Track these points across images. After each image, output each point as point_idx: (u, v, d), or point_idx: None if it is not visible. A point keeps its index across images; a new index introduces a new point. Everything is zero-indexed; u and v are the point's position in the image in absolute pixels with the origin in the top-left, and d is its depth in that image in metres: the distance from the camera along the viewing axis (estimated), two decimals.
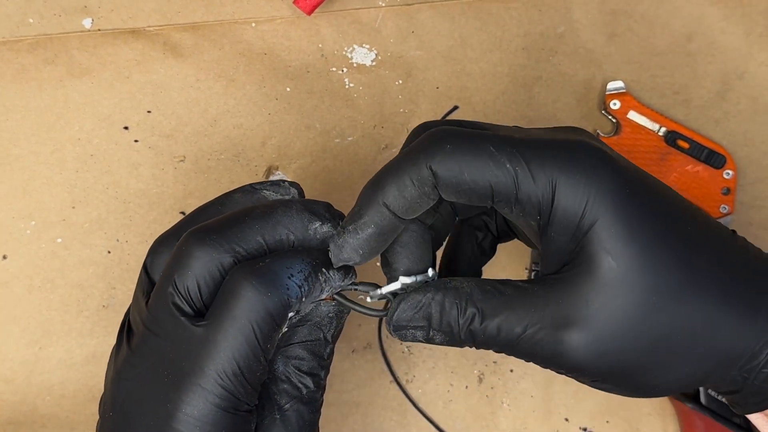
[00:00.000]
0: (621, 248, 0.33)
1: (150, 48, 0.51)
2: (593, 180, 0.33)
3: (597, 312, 0.33)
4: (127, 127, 0.51)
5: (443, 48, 0.53)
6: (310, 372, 0.37)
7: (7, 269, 0.51)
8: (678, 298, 0.33)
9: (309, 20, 0.52)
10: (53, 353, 0.51)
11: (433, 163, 0.33)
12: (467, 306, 0.35)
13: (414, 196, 0.34)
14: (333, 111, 0.52)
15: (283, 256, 0.35)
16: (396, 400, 0.53)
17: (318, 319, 0.37)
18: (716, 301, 0.33)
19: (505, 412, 0.53)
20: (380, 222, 0.34)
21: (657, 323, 0.33)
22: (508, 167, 0.33)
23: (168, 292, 0.34)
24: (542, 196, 0.33)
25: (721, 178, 0.53)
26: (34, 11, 0.50)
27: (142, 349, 0.35)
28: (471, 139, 0.34)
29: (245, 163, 0.52)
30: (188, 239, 0.35)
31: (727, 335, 0.33)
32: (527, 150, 0.33)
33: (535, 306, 0.34)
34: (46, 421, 0.51)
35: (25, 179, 0.51)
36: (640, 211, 0.33)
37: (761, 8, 0.53)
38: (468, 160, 0.33)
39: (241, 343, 0.33)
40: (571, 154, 0.33)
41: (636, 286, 0.33)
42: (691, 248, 0.33)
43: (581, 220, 0.33)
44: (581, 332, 0.33)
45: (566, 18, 0.53)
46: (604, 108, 0.53)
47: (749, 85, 0.54)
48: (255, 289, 0.33)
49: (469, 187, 0.33)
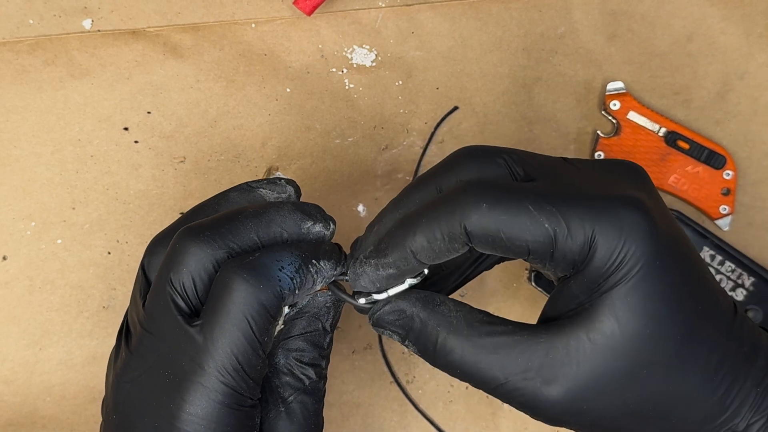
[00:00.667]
0: (630, 317, 0.33)
1: (150, 49, 0.51)
2: (632, 243, 0.32)
3: (585, 372, 0.33)
4: (127, 128, 0.51)
5: (443, 48, 0.53)
6: (312, 363, 0.37)
7: (7, 270, 0.51)
8: (667, 375, 0.33)
9: (309, 21, 0.52)
10: (53, 354, 0.51)
11: (468, 222, 0.33)
12: (448, 338, 0.34)
13: (442, 249, 0.34)
14: (333, 112, 0.52)
15: (273, 250, 0.35)
16: (396, 400, 0.53)
17: (315, 309, 0.37)
18: (698, 385, 0.34)
19: (505, 413, 0.53)
20: (403, 266, 0.35)
21: (640, 395, 0.33)
22: (547, 227, 0.32)
23: (165, 290, 0.34)
24: (578, 255, 0.33)
25: (721, 178, 0.53)
26: (34, 12, 0.50)
27: (141, 351, 0.35)
28: (509, 198, 0.33)
29: (245, 164, 0.52)
30: (182, 236, 0.35)
31: (699, 414, 0.34)
32: (568, 208, 0.32)
33: (522, 354, 0.33)
34: (46, 422, 0.51)
35: (25, 180, 0.51)
36: (662, 285, 0.33)
37: (761, 9, 0.53)
38: (505, 220, 0.32)
39: (238, 337, 0.33)
40: (615, 214, 0.33)
41: (631, 356, 0.33)
42: (695, 327, 0.34)
43: (605, 281, 0.33)
44: (564, 389, 0.33)
45: (566, 18, 0.53)
46: (604, 108, 0.53)
47: (749, 85, 0.54)
48: (246, 282, 0.33)
49: (505, 245, 0.33)
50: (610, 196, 0.33)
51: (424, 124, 0.53)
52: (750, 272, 0.52)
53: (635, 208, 0.33)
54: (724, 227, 0.53)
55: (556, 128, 0.53)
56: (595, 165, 0.37)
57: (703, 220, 0.53)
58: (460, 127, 0.53)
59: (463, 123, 0.53)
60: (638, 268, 0.32)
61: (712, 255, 0.52)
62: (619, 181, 0.35)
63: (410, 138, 0.53)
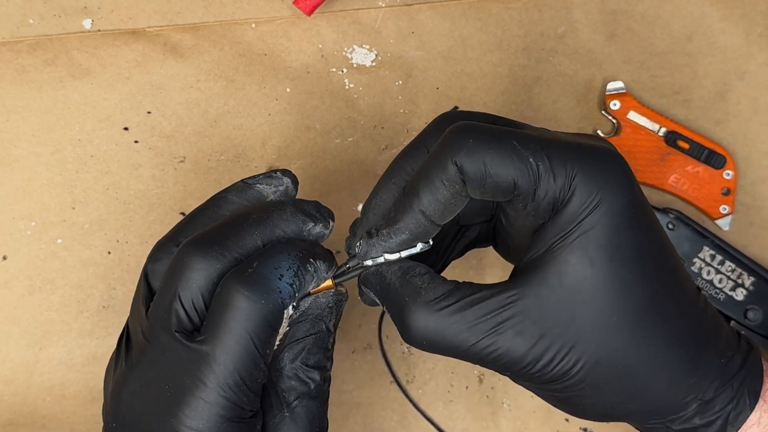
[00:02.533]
0: (604, 259, 0.33)
1: (150, 49, 0.51)
2: (609, 190, 0.33)
3: (554, 318, 0.33)
4: (127, 127, 0.51)
5: (443, 48, 0.53)
6: (317, 365, 0.37)
7: (8, 270, 0.51)
8: (633, 330, 0.34)
9: (309, 21, 0.52)
10: (53, 354, 0.51)
11: (458, 158, 0.33)
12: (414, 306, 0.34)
13: (447, 197, 0.34)
14: (333, 111, 0.52)
15: (270, 256, 0.35)
16: (396, 400, 0.53)
17: (318, 311, 0.37)
18: (664, 346, 0.34)
19: (505, 413, 0.53)
20: (415, 229, 0.35)
21: (609, 346, 0.34)
22: (531, 162, 0.33)
23: (171, 305, 0.34)
24: (559, 193, 0.33)
25: (721, 178, 0.53)
26: (34, 12, 0.50)
27: (143, 362, 0.35)
28: (493, 133, 0.34)
29: (245, 163, 0.52)
30: (188, 250, 0.34)
31: (662, 381, 0.34)
32: (551, 148, 0.33)
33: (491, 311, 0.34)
34: (46, 422, 0.51)
35: (25, 180, 0.51)
36: (635, 235, 0.33)
37: (761, 8, 0.53)
38: (491, 154, 0.33)
39: (240, 354, 0.33)
40: (595, 159, 0.33)
41: (602, 301, 0.33)
42: (662, 288, 0.34)
43: (579, 223, 0.33)
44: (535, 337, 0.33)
45: (566, 18, 0.53)
46: (604, 108, 0.53)
47: (749, 85, 0.54)
48: (248, 299, 0.33)
49: (493, 181, 0.33)
50: (594, 144, 0.34)
51: (424, 124, 0.53)
52: (750, 272, 0.52)
53: (616, 160, 0.34)
54: (724, 227, 0.53)
55: (557, 128, 0.53)
56: (576, 134, 0.38)
57: (703, 219, 0.53)
58: None
59: None
60: (613, 212, 0.33)
61: (712, 255, 0.52)
62: (595, 141, 0.36)
63: (410, 138, 0.53)
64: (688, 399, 0.35)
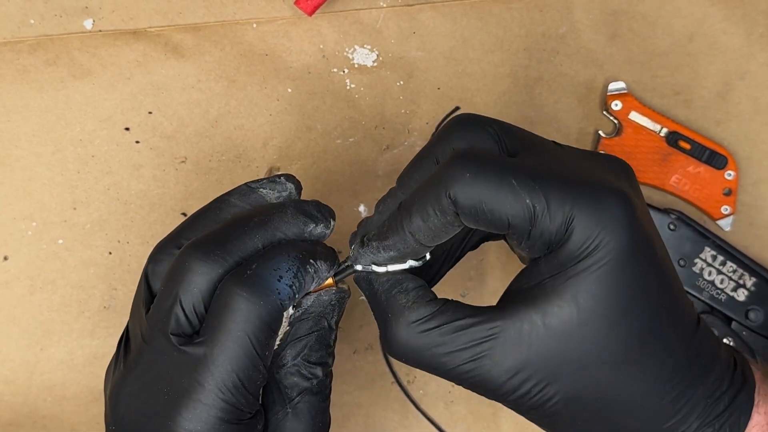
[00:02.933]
0: (591, 305, 0.33)
1: (151, 49, 0.51)
2: (608, 233, 0.32)
3: (534, 355, 0.33)
4: (128, 128, 0.51)
5: (444, 48, 0.53)
6: (319, 361, 0.37)
7: (8, 270, 0.51)
8: (618, 371, 0.33)
9: (310, 21, 0.52)
10: (54, 354, 0.51)
11: (453, 191, 0.33)
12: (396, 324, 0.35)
13: (438, 225, 0.34)
14: (334, 112, 0.52)
15: (270, 258, 0.35)
16: (397, 401, 0.53)
17: (320, 309, 0.37)
18: (648, 386, 0.34)
19: (506, 413, 0.53)
20: (403, 249, 0.35)
21: (588, 385, 0.34)
22: (528, 202, 0.32)
23: (172, 308, 0.34)
24: (555, 235, 0.33)
25: (722, 178, 0.53)
26: (35, 12, 0.50)
27: (141, 364, 0.35)
28: (493, 169, 0.33)
29: (246, 164, 0.52)
30: (189, 253, 0.34)
31: (642, 419, 0.34)
32: (550, 187, 0.33)
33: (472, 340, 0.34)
34: (47, 422, 0.51)
35: (26, 180, 0.51)
36: (630, 281, 0.33)
37: (762, 8, 0.53)
38: (488, 192, 0.33)
39: (239, 356, 0.33)
40: (596, 200, 0.33)
41: (584, 345, 0.33)
42: (655, 325, 0.34)
43: (574, 265, 0.33)
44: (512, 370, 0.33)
45: (568, 18, 0.53)
46: (606, 109, 0.53)
47: (751, 85, 0.54)
48: (247, 301, 0.33)
49: (487, 217, 0.33)
50: (595, 182, 0.33)
51: (426, 124, 0.53)
52: (751, 272, 0.51)
53: (618, 200, 0.33)
54: (725, 227, 0.53)
55: (558, 128, 0.53)
56: (583, 153, 0.37)
57: (704, 220, 0.53)
58: None
59: None
60: (609, 258, 0.32)
61: (714, 255, 0.51)
62: (605, 172, 0.35)
63: (411, 138, 0.53)
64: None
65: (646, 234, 0.33)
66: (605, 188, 0.33)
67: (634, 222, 0.33)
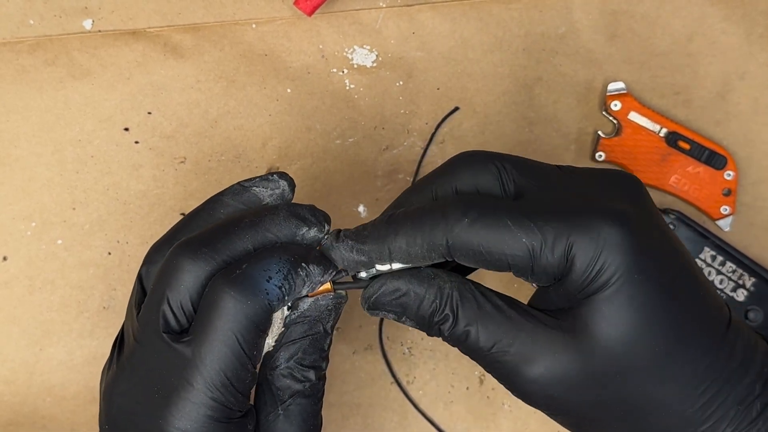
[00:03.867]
0: (607, 328, 0.33)
1: (150, 49, 0.51)
2: (606, 257, 0.33)
3: (561, 365, 0.34)
4: (127, 128, 0.51)
5: (444, 49, 0.53)
6: (312, 365, 0.37)
7: (8, 270, 0.51)
8: (644, 383, 0.34)
9: (309, 21, 0.52)
10: (54, 354, 0.51)
11: (449, 236, 0.34)
12: (444, 308, 0.35)
13: (419, 255, 0.35)
14: (333, 112, 0.52)
15: (260, 259, 0.35)
16: (397, 401, 0.53)
17: (317, 313, 0.37)
18: (684, 392, 0.34)
19: (506, 413, 0.53)
20: (375, 259, 0.36)
21: (614, 396, 0.34)
22: (525, 242, 0.33)
23: (159, 307, 0.34)
24: (557, 268, 0.33)
25: (722, 179, 0.53)
26: (34, 12, 0.50)
27: (132, 363, 0.35)
28: (490, 214, 0.34)
29: (246, 164, 0.52)
30: (178, 252, 0.35)
31: (675, 424, 0.34)
32: (546, 223, 0.33)
33: (507, 332, 0.34)
34: (46, 423, 0.51)
35: (25, 180, 0.51)
36: (643, 297, 0.33)
37: (762, 8, 0.53)
38: (485, 235, 0.33)
39: (226, 354, 0.33)
40: (590, 228, 0.33)
41: (606, 362, 0.33)
42: (678, 340, 0.34)
43: (582, 291, 0.33)
44: (538, 374, 0.34)
45: (567, 18, 0.53)
46: (605, 109, 0.53)
47: (750, 85, 0.53)
48: (234, 299, 0.33)
49: (486, 259, 0.34)
50: (590, 209, 0.34)
51: (425, 125, 0.53)
52: (751, 273, 0.51)
53: (613, 221, 0.33)
54: (725, 228, 0.53)
55: (557, 128, 0.53)
56: (589, 173, 0.37)
57: (704, 220, 0.53)
58: (460, 128, 0.53)
59: (464, 123, 0.53)
60: (616, 279, 0.33)
61: (713, 255, 0.51)
62: (608, 192, 0.36)
63: (411, 138, 0.53)
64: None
65: (654, 247, 0.34)
66: (600, 212, 0.34)
67: (632, 240, 0.33)
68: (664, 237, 0.35)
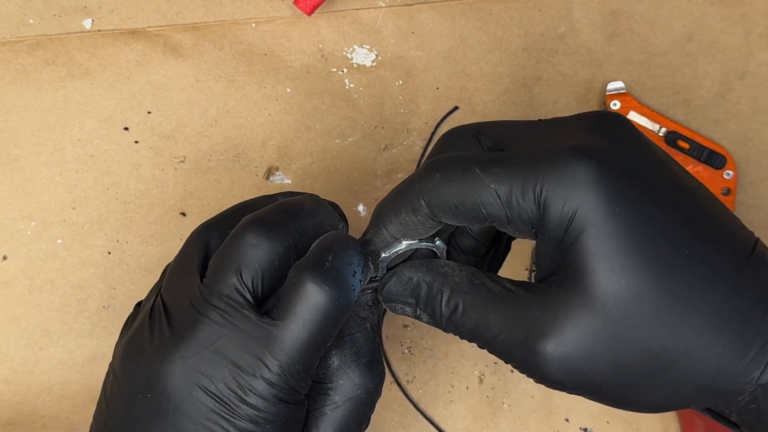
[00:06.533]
0: (601, 272, 0.31)
1: (150, 48, 0.51)
2: (579, 197, 0.31)
3: (571, 329, 0.32)
4: (127, 127, 0.51)
5: (443, 48, 0.53)
6: (369, 365, 0.37)
7: (7, 269, 0.51)
8: (661, 321, 0.31)
9: (309, 21, 0.52)
10: (53, 354, 0.51)
11: (425, 195, 0.34)
12: (452, 296, 0.35)
13: (409, 223, 0.35)
14: (333, 111, 0.53)
15: (342, 250, 0.35)
16: (396, 400, 0.53)
17: (359, 308, 0.38)
18: (703, 328, 0.31)
19: (505, 413, 0.53)
20: (378, 242, 0.37)
21: (633, 348, 0.31)
22: (493, 188, 0.33)
23: (232, 282, 0.34)
24: (531, 212, 0.32)
25: (721, 178, 0.53)
26: (34, 12, 0.50)
27: (194, 333, 0.34)
28: (460, 165, 0.34)
29: (245, 163, 0.52)
30: (251, 228, 0.35)
31: (708, 367, 0.31)
32: (514, 168, 0.32)
33: (515, 311, 0.33)
34: (46, 422, 0.51)
35: (25, 180, 0.51)
36: (630, 233, 0.31)
37: (761, 8, 0.53)
38: (455, 186, 0.33)
39: (309, 346, 0.34)
40: (561, 168, 0.32)
41: (612, 312, 0.31)
42: (689, 275, 0.31)
43: (566, 233, 0.32)
44: (553, 345, 0.32)
45: (567, 18, 0.53)
46: (605, 108, 0.53)
47: (749, 85, 0.54)
48: (328, 296, 0.33)
49: (461, 211, 0.34)
50: (556, 151, 0.32)
51: (425, 124, 0.53)
52: None
53: (580, 156, 0.32)
54: None
55: None
56: (569, 119, 0.36)
57: None
58: None
59: (464, 123, 0.53)
60: (594, 215, 0.31)
61: None
62: (582, 132, 0.34)
63: (410, 138, 0.53)
64: (741, 382, 0.31)
65: (630, 175, 0.32)
66: (566, 151, 0.32)
67: (603, 172, 0.31)
68: (651, 162, 0.33)
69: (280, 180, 0.52)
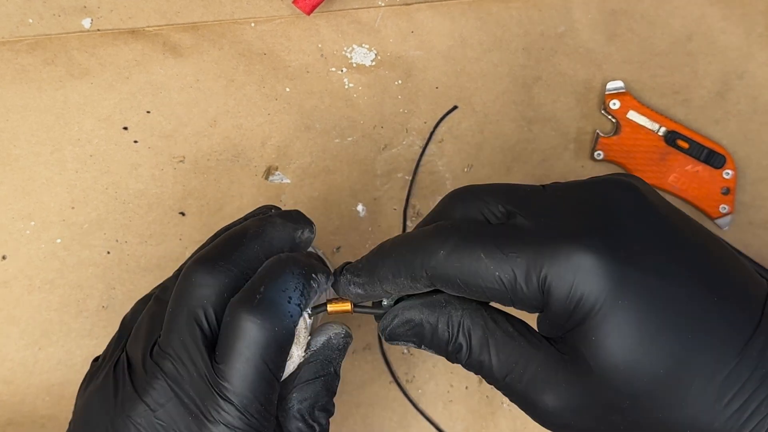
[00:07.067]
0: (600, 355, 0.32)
1: (149, 48, 0.51)
2: (583, 285, 0.32)
3: (569, 393, 0.33)
4: (126, 127, 0.51)
5: (443, 48, 0.53)
6: (324, 408, 0.38)
7: (7, 269, 0.51)
8: (654, 404, 0.32)
9: (308, 20, 0.52)
10: (52, 354, 0.51)
11: (428, 269, 0.34)
12: (457, 336, 0.36)
13: (405, 286, 0.35)
14: (332, 111, 0.52)
15: (276, 277, 0.35)
16: (396, 400, 0.53)
17: (329, 352, 0.38)
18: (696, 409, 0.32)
19: (505, 413, 0.53)
20: (370, 291, 0.37)
21: (626, 419, 0.33)
22: (497, 275, 0.33)
23: (183, 326, 0.34)
24: (535, 299, 0.33)
25: (720, 177, 0.53)
26: (33, 11, 0.50)
27: (156, 387, 0.34)
28: (465, 245, 0.34)
29: (245, 163, 0.52)
30: (194, 267, 0.35)
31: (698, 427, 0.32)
32: (517, 255, 0.32)
33: (518, 362, 0.34)
34: (45, 422, 0.51)
35: (24, 179, 0.51)
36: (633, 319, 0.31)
37: (761, 8, 0.53)
38: (459, 268, 0.33)
39: (258, 380, 0.34)
40: (562, 256, 0.32)
41: (607, 389, 0.32)
42: (686, 354, 0.32)
43: (569, 320, 0.32)
44: (552, 401, 0.34)
45: (566, 18, 0.53)
46: (604, 108, 0.53)
47: (749, 84, 0.54)
48: (262, 328, 0.33)
49: (464, 290, 0.34)
50: (559, 235, 0.32)
51: (424, 124, 0.53)
52: None
53: (585, 247, 0.32)
54: (723, 227, 0.53)
55: (556, 128, 0.53)
56: (573, 189, 0.35)
57: (702, 219, 0.53)
58: (459, 127, 0.53)
59: (463, 122, 0.53)
60: (600, 306, 0.31)
61: None
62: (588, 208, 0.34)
63: (410, 137, 0.53)
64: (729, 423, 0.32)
65: (634, 264, 0.32)
66: (569, 237, 0.32)
67: (608, 264, 0.31)
68: (660, 234, 0.33)
69: (279, 179, 0.52)
